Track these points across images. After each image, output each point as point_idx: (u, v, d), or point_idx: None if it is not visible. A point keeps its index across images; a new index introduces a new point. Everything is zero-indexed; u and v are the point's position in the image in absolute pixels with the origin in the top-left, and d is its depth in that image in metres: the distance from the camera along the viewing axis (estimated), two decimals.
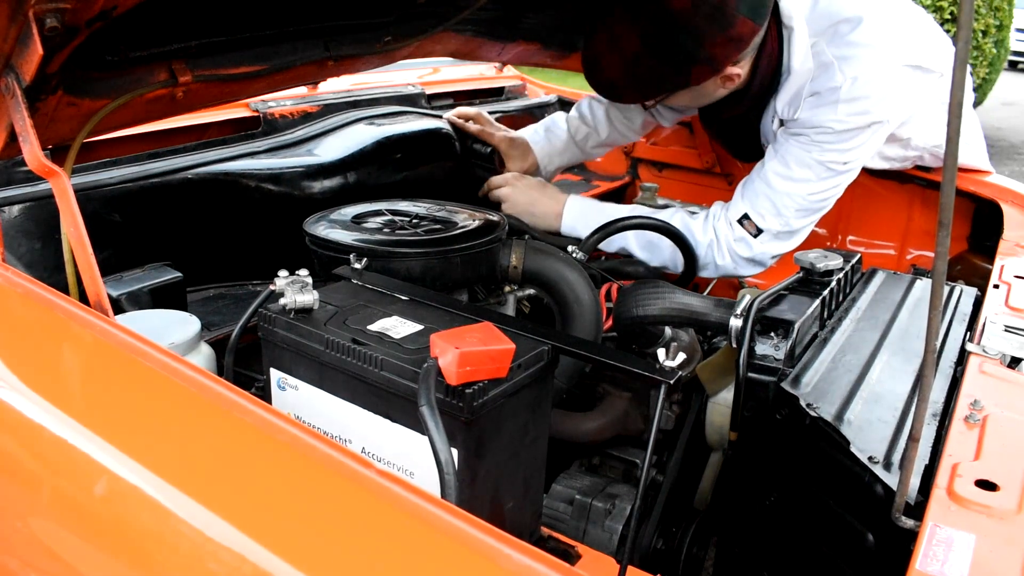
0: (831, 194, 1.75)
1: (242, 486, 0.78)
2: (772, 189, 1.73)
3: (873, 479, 0.97)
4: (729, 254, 1.77)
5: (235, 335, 1.17)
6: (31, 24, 0.96)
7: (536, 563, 0.65)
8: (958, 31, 0.62)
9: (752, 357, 1.20)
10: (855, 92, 1.64)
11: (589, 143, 2.21)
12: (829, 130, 1.67)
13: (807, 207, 1.73)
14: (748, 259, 1.77)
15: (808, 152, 1.70)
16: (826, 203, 1.76)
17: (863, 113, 1.65)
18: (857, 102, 1.64)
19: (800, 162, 1.71)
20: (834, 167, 1.70)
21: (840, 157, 1.69)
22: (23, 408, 0.91)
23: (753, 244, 1.76)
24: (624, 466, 1.47)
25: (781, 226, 1.74)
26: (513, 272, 1.48)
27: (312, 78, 1.80)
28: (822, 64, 1.67)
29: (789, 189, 1.72)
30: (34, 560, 0.92)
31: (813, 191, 1.72)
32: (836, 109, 1.65)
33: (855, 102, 1.64)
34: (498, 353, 0.92)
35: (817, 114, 1.67)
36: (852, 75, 1.63)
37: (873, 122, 1.67)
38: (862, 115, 1.66)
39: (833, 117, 1.65)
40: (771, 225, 1.74)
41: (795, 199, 1.72)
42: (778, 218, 1.73)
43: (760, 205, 1.74)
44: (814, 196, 1.73)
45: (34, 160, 1.05)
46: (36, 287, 1.02)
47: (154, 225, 1.62)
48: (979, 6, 7.69)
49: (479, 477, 0.96)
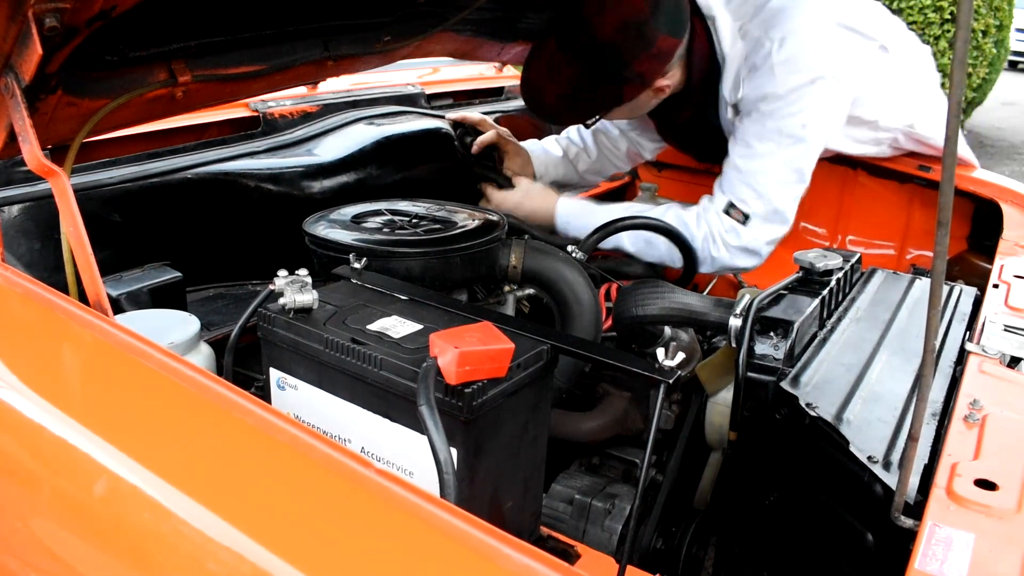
0: (802, 163, 1.73)
1: (242, 486, 0.78)
2: (743, 172, 1.74)
3: (872, 479, 0.97)
4: (724, 245, 1.76)
5: (234, 335, 1.17)
6: (30, 24, 0.96)
7: (536, 563, 0.65)
8: (957, 31, 0.62)
9: (751, 357, 1.20)
10: (786, 53, 1.67)
11: (580, 163, 2.28)
12: (774, 96, 1.69)
13: (782, 179, 1.73)
14: (742, 248, 1.76)
15: (763, 125, 1.71)
16: (800, 173, 1.74)
17: (800, 71, 1.67)
18: (791, 62, 1.67)
19: (759, 137, 1.72)
20: (793, 132, 1.70)
21: (795, 121, 1.69)
22: (23, 408, 0.91)
23: (743, 232, 1.75)
24: (624, 466, 1.47)
25: (765, 207, 1.73)
26: (512, 272, 1.48)
27: (312, 78, 1.80)
28: (752, 40, 1.72)
29: (758, 167, 1.73)
30: (34, 560, 0.92)
31: (782, 161, 1.72)
32: (773, 74, 1.68)
33: (789, 62, 1.67)
34: (497, 353, 0.92)
35: (758, 86, 1.71)
36: (779, 37, 1.68)
37: (815, 78, 1.68)
38: (800, 73, 1.67)
39: (773, 83, 1.68)
40: (756, 208, 1.74)
41: (768, 175, 1.72)
42: (760, 200, 1.73)
43: (739, 191, 1.75)
44: (785, 167, 1.72)
45: (34, 160, 1.05)
46: (36, 287, 1.02)
47: (154, 225, 1.62)
48: (979, 6, 7.68)
49: (478, 477, 0.96)
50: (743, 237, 1.75)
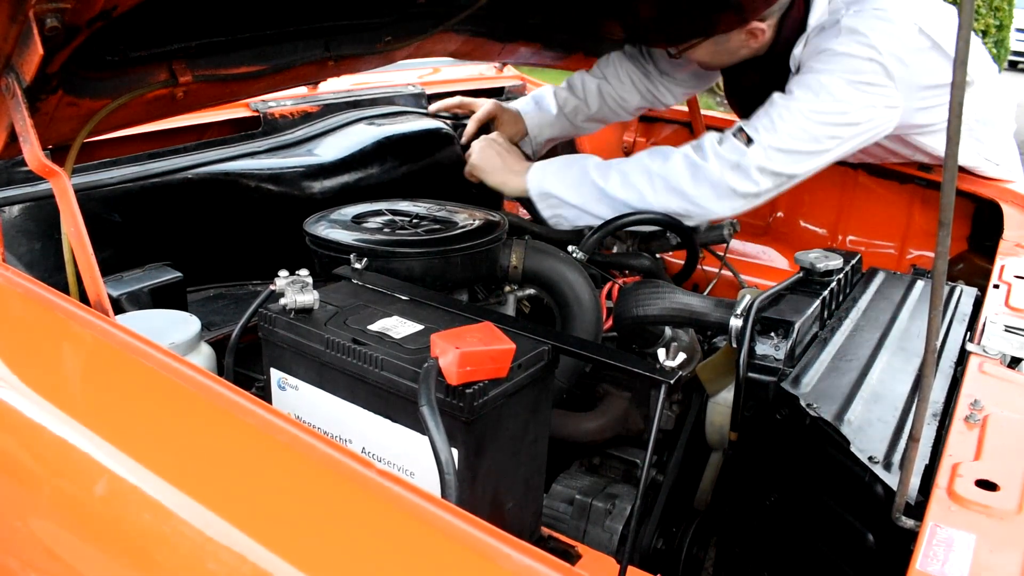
0: (833, 129, 1.65)
1: (242, 486, 0.78)
2: (772, 105, 1.68)
3: (873, 479, 0.97)
4: (715, 157, 1.65)
5: (235, 335, 1.17)
6: (31, 24, 0.96)
7: (537, 563, 0.65)
8: (958, 31, 0.62)
9: (752, 357, 1.20)
10: (856, 24, 1.66)
11: (579, 116, 2.22)
12: (829, 51, 1.66)
13: (805, 127, 1.64)
14: (734, 164, 1.64)
15: (808, 75, 1.67)
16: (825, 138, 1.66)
17: (863, 43, 1.64)
18: (857, 34, 1.65)
19: (800, 84, 1.68)
20: (834, 91, 1.64)
21: (840, 89, 1.63)
22: (24, 408, 0.91)
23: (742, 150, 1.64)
24: (624, 466, 1.47)
25: (774, 141, 1.64)
26: (513, 272, 1.48)
27: (312, 78, 1.80)
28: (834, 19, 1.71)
29: (788, 104, 1.65)
30: (34, 560, 0.92)
31: (813, 112, 1.64)
32: (838, 34, 1.67)
33: (855, 34, 1.65)
34: (498, 353, 0.92)
35: (820, 42, 1.70)
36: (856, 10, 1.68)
37: (872, 58, 1.64)
38: (862, 45, 1.64)
39: (834, 41, 1.66)
40: (764, 138, 1.63)
41: (793, 115, 1.64)
42: (773, 133, 1.63)
43: (756, 120, 1.68)
44: (813, 120, 1.64)
45: (34, 160, 1.05)
46: (36, 287, 1.02)
47: (154, 225, 1.62)
48: (979, 6, 7.69)
49: (479, 477, 0.96)
50: (738, 154, 1.64)
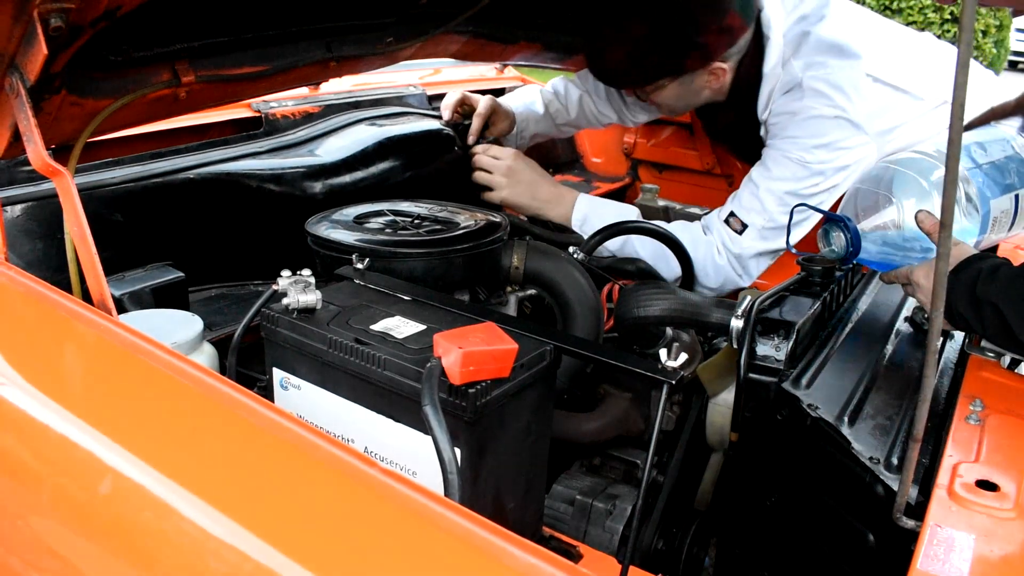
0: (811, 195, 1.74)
1: (246, 485, 0.78)
2: (754, 185, 1.79)
3: (874, 479, 0.97)
4: (726, 252, 1.79)
5: (238, 335, 1.17)
6: (35, 24, 0.96)
7: (540, 561, 0.65)
8: (959, 33, 0.63)
9: (753, 358, 1.20)
10: (816, 85, 1.72)
11: (559, 119, 2.32)
12: (798, 115, 1.73)
13: (788, 202, 1.73)
14: (736, 256, 1.79)
15: (782, 150, 1.76)
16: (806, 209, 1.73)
17: (828, 103, 1.71)
18: (821, 95, 1.72)
19: (775, 160, 1.77)
20: (810, 165, 1.73)
21: (814, 156, 1.72)
22: (27, 407, 0.91)
23: (737, 240, 1.78)
24: (625, 467, 1.47)
25: (765, 221, 1.76)
26: (515, 272, 1.48)
27: (314, 79, 1.80)
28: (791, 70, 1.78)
29: (769, 185, 1.77)
30: (36, 559, 0.92)
31: (791, 189, 1.75)
32: (802, 97, 1.73)
33: (819, 94, 1.72)
34: (501, 353, 0.92)
35: (785, 104, 1.76)
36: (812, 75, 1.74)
37: (838, 115, 1.71)
38: (827, 104, 1.71)
39: (798, 105, 1.73)
40: (754, 220, 1.77)
41: (774, 194, 1.76)
42: (761, 214, 1.77)
43: (745, 202, 1.79)
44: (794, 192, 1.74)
45: (38, 159, 1.05)
46: (39, 286, 1.02)
47: (156, 225, 1.62)
48: None
49: (482, 477, 0.96)
50: (735, 246, 1.79)
